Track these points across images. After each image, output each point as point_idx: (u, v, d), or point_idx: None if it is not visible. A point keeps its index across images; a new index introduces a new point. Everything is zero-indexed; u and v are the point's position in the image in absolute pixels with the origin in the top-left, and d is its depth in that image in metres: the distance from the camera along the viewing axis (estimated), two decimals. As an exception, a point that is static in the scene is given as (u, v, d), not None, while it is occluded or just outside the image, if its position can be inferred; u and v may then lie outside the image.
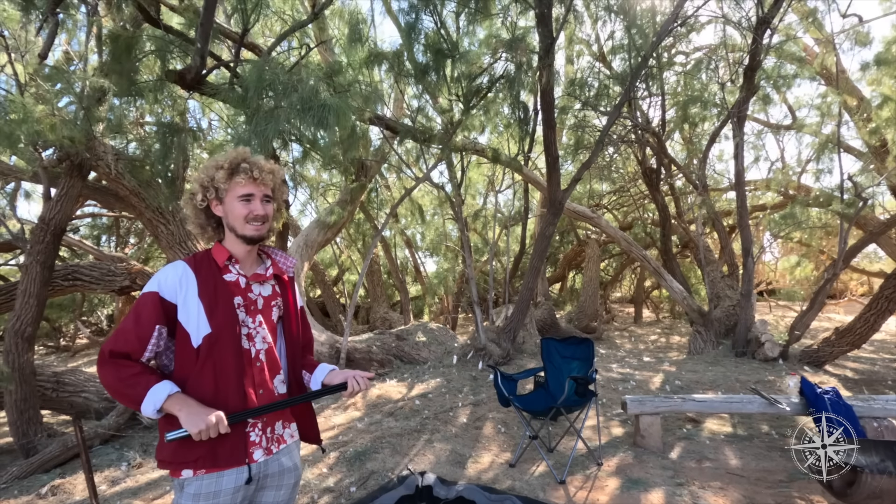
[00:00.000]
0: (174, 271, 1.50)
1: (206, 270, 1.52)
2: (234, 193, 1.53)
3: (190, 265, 1.52)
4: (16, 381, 3.88)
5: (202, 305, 1.48)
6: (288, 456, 1.64)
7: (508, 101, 5.02)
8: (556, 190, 5.36)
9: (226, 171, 1.52)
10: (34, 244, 3.81)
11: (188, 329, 1.47)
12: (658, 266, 7.75)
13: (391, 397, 5.69)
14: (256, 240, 1.56)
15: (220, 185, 1.53)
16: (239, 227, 1.54)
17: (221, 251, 1.57)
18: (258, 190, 1.54)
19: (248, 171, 1.52)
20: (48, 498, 3.50)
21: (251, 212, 1.53)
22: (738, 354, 7.06)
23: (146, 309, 1.45)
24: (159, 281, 1.48)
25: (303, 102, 2.66)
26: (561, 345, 4.47)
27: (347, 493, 3.51)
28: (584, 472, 3.79)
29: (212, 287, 1.51)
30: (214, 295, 1.50)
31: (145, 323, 1.44)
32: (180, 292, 1.48)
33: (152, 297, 1.46)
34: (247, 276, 1.59)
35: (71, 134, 3.03)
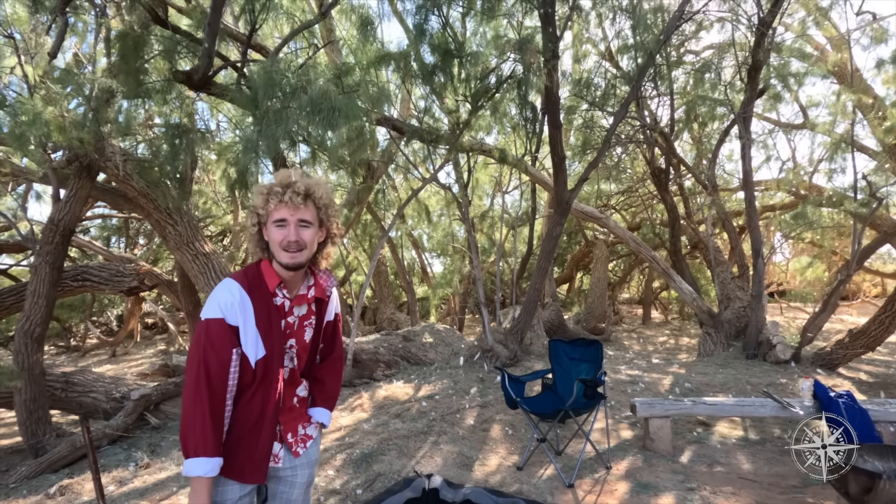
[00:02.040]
0: (231, 296, 1.49)
1: (259, 294, 1.53)
2: (271, 218, 1.52)
3: (244, 287, 1.52)
4: (25, 381, 3.90)
5: (259, 331, 1.51)
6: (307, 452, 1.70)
7: (516, 102, 4.98)
8: (563, 190, 5.32)
9: (263, 196, 1.52)
10: (44, 245, 3.83)
11: (247, 351, 1.49)
12: (667, 267, 7.67)
13: (398, 399, 5.67)
14: (293, 267, 1.54)
15: (260, 212, 1.54)
16: (276, 254, 1.53)
17: (272, 275, 1.56)
18: (292, 215, 1.50)
19: (279, 195, 1.49)
20: (56, 498, 3.51)
21: (284, 238, 1.50)
22: (749, 357, 6.97)
23: (218, 335, 1.45)
24: (220, 307, 1.47)
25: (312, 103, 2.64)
26: (569, 346, 4.42)
27: (354, 496, 3.49)
28: (592, 476, 3.74)
29: (266, 312, 1.53)
30: (269, 320, 1.53)
31: (221, 347, 1.45)
32: (240, 316, 1.49)
33: (220, 324, 1.46)
34: (291, 300, 1.60)
35: (80, 135, 3.04)
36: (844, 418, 3.52)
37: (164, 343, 11.81)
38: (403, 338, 7.01)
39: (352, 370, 6.16)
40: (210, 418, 1.39)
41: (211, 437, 1.39)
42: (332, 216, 1.60)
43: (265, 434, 1.53)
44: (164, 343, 11.81)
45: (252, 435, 1.51)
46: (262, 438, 1.52)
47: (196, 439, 1.38)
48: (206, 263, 5.35)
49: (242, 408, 1.51)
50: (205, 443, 1.38)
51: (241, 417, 1.51)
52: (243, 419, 1.51)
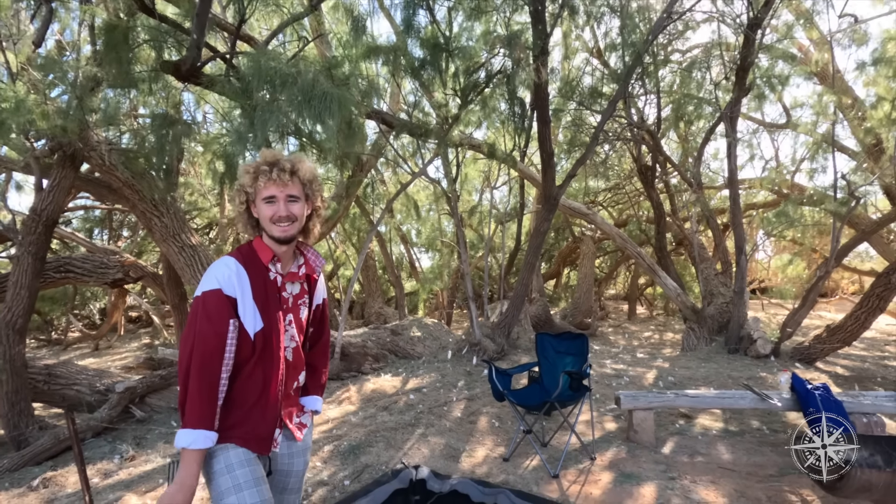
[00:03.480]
0: (227, 269, 1.52)
1: (254, 268, 1.58)
2: (260, 196, 1.57)
3: (239, 261, 1.56)
4: (7, 373, 3.85)
5: (256, 303, 1.54)
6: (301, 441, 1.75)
7: (505, 97, 5.01)
8: (552, 186, 5.37)
9: (251, 174, 1.56)
10: (26, 235, 3.77)
11: (245, 323, 1.52)
12: (652, 263, 7.79)
13: (385, 391, 5.70)
14: (284, 240, 1.59)
15: (248, 189, 1.59)
16: (268, 228, 1.58)
17: (265, 250, 1.61)
18: (280, 191, 1.56)
19: (267, 173, 1.54)
20: (40, 490, 3.48)
21: (275, 213, 1.56)
22: (731, 351, 7.12)
23: (215, 306, 1.48)
24: (217, 278, 1.50)
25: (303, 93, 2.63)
26: (556, 340, 4.48)
27: (341, 487, 3.51)
28: (577, 467, 3.81)
29: (262, 284, 1.57)
30: (265, 292, 1.57)
31: (219, 319, 1.46)
32: (238, 288, 1.52)
33: (217, 294, 1.49)
34: (283, 275, 1.64)
35: (64, 123, 3.00)
36: (820, 410, 3.64)
37: (149, 337, 11.67)
38: (391, 332, 7.03)
39: (339, 363, 6.17)
40: (201, 392, 1.41)
41: (198, 410, 1.40)
42: (316, 191, 1.66)
43: (270, 408, 1.55)
44: (149, 337, 11.67)
45: (257, 409, 1.53)
46: (267, 412, 1.54)
47: (187, 411, 1.40)
48: (192, 255, 5.31)
49: (244, 382, 1.53)
50: (192, 415, 1.40)
51: (244, 392, 1.53)
52: (246, 394, 1.53)
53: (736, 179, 6.20)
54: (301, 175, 1.59)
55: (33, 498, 3.39)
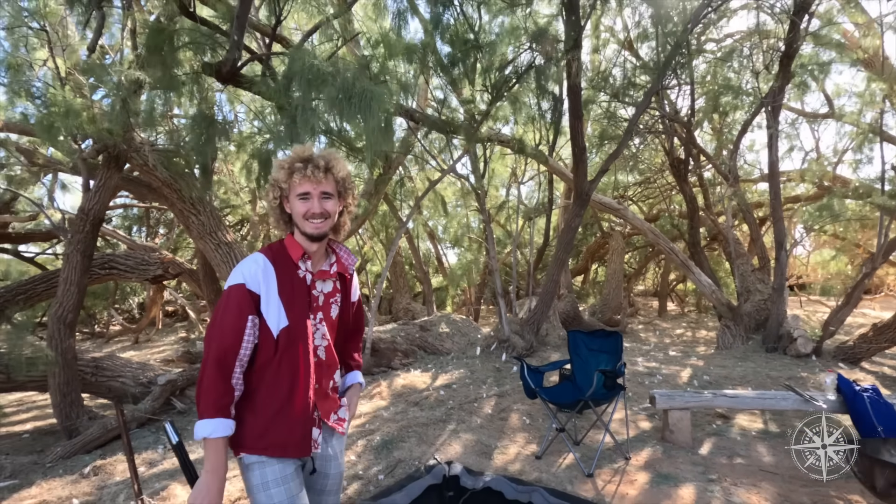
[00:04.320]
0: (255, 265, 1.53)
1: (283, 265, 1.58)
2: (294, 192, 1.57)
3: (268, 258, 1.56)
4: (59, 366, 4.04)
5: (281, 300, 1.54)
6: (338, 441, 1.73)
7: (536, 92, 4.93)
8: (583, 181, 5.28)
9: (286, 170, 1.56)
10: (74, 234, 3.94)
11: (268, 320, 1.52)
12: (686, 259, 7.59)
13: (416, 387, 5.74)
14: (317, 237, 1.59)
15: (282, 185, 1.58)
16: (301, 225, 1.59)
17: (295, 247, 1.61)
18: (315, 188, 1.56)
19: (301, 170, 1.54)
20: (91, 478, 3.64)
21: (308, 210, 1.56)
22: (769, 350, 6.90)
23: (236, 301, 1.49)
24: (243, 273, 1.52)
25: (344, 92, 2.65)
26: (588, 338, 4.43)
27: (376, 481, 3.55)
28: (611, 466, 3.76)
29: (289, 282, 1.57)
30: (292, 289, 1.56)
31: (237, 315, 1.48)
32: (263, 284, 1.52)
33: (240, 289, 1.50)
34: (313, 273, 1.64)
35: (110, 126, 3.11)
36: (870, 412, 3.49)
37: (185, 330, 12.05)
38: (420, 327, 7.07)
39: (370, 359, 6.24)
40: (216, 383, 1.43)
41: (214, 400, 1.42)
42: (349, 188, 1.65)
43: (300, 409, 1.53)
44: (185, 330, 12.05)
45: (287, 409, 1.51)
46: (297, 412, 1.52)
47: (202, 402, 1.42)
48: (228, 252, 5.44)
49: (270, 382, 1.51)
50: (208, 405, 1.42)
51: (272, 394, 1.51)
52: (274, 396, 1.51)
53: (777, 172, 5.97)
54: (335, 172, 1.59)
55: (85, 485, 3.55)
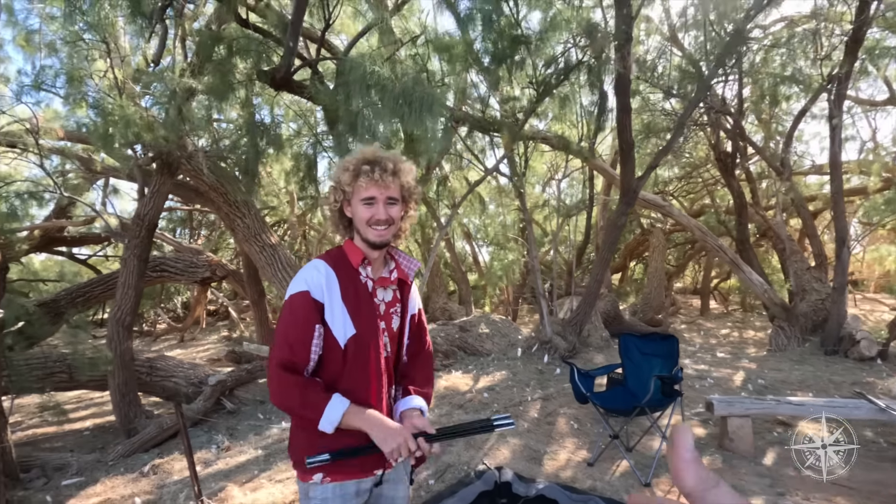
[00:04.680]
0: (317, 271, 1.45)
1: (344, 271, 1.49)
2: (358, 196, 1.47)
3: (329, 265, 1.48)
4: (117, 367, 4.17)
5: (346, 307, 1.45)
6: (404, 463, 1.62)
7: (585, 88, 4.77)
8: (631, 177, 5.10)
9: (350, 172, 1.46)
10: (131, 238, 4.06)
11: (334, 329, 1.43)
12: (735, 257, 7.27)
13: (459, 389, 5.69)
14: (379, 245, 1.49)
15: (345, 188, 1.48)
16: (363, 231, 1.49)
17: (355, 252, 1.52)
18: (381, 192, 1.46)
19: (368, 173, 1.44)
20: (150, 476, 3.74)
21: (373, 216, 1.46)
22: (829, 353, 6.54)
23: (301, 310, 1.41)
24: (307, 280, 1.44)
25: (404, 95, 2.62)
26: (641, 341, 4.28)
27: (426, 486, 3.52)
28: (669, 475, 3.61)
29: (352, 288, 1.48)
30: (356, 296, 1.47)
31: (304, 324, 1.40)
32: (326, 292, 1.44)
33: (304, 297, 1.42)
34: (374, 280, 1.54)
35: (166, 134, 3.18)
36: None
37: (227, 329, 12.38)
38: (460, 328, 7.02)
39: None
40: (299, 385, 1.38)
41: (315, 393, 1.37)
42: (413, 193, 1.55)
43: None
44: (227, 329, 12.38)
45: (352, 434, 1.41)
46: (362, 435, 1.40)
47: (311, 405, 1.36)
48: (272, 255, 5.52)
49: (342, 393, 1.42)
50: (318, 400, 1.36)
51: None
52: None
53: (839, 164, 5.61)
54: (402, 176, 1.49)
55: (145, 483, 3.65)
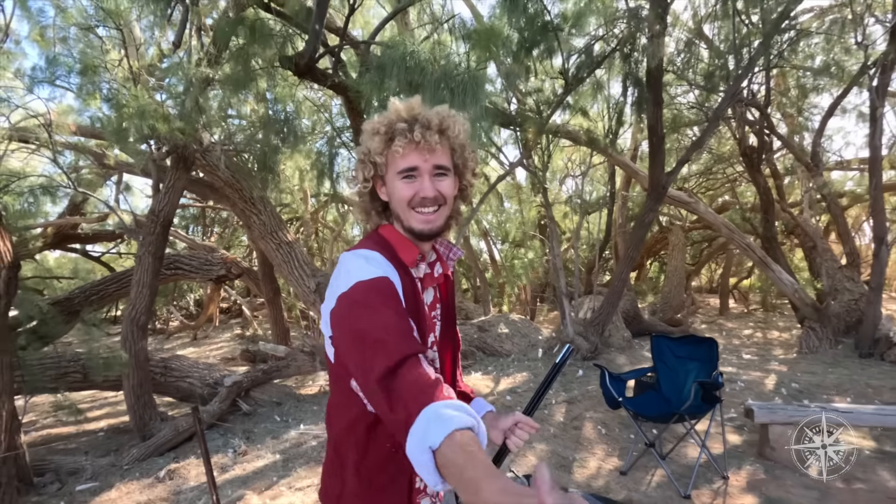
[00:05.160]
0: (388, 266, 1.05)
1: (401, 271, 1.09)
2: (395, 167, 1.07)
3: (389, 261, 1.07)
4: (132, 367, 4.06)
5: None
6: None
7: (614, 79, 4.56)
8: (660, 172, 4.89)
9: (382, 136, 1.06)
10: (146, 236, 3.94)
11: None
12: (764, 256, 7.01)
13: (479, 391, 5.52)
14: (428, 235, 1.09)
15: (376, 159, 1.07)
16: (404, 217, 1.09)
17: (407, 246, 1.11)
18: (425, 161, 1.05)
19: (406, 133, 1.03)
20: (166, 482, 3.62)
21: (416, 193, 1.06)
22: (863, 355, 6.27)
23: (393, 295, 0.97)
24: (383, 267, 1.02)
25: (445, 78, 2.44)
26: (675, 344, 4.07)
27: (453, 500, 3.35)
28: (709, 487, 3.42)
29: (413, 297, 1.08)
30: (416, 307, 1.08)
31: (403, 312, 0.97)
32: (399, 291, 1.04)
33: (389, 282, 0.99)
34: (421, 280, 1.15)
35: (182, 126, 3.05)
36: None
37: (240, 327, 12.33)
38: (479, 328, 6.85)
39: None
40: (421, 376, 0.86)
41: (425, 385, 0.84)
42: (469, 160, 1.13)
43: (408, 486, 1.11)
44: (240, 327, 12.33)
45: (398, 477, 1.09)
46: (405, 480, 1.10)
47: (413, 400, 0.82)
48: (289, 252, 5.38)
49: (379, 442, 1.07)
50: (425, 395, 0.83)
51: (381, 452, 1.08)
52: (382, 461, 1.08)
53: (879, 157, 5.34)
54: (452, 136, 1.08)
55: (161, 489, 3.53)
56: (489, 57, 3.62)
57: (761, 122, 7.38)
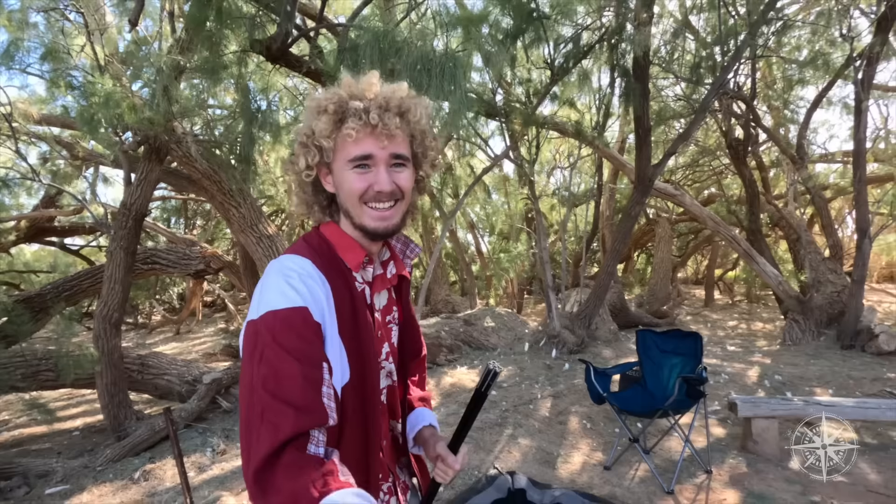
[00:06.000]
0: (310, 278, 0.89)
1: (338, 279, 0.95)
2: (345, 155, 0.92)
3: (321, 269, 0.92)
4: (105, 366, 3.93)
5: (342, 339, 0.92)
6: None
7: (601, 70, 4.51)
8: (647, 165, 4.84)
9: (331, 116, 0.91)
10: (117, 230, 3.80)
11: (333, 366, 0.89)
12: (749, 248, 7.04)
13: (465, 386, 5.48)
14: (382, 234, 0.97)
15: (323, 143, 0.92)
16: (354, 213, 0.95)
17: (352, 248, 0.98)
18: (382, 147, 0.91)
19: (360, 114, 0.89)
20: (141, 483, 3.52)
21: (370, 186, 0.92)
22: (845, 347, 6.34)
23: (304, 336, 0.83)
24: (300, 292, 0.86)
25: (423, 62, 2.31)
26: (660, 338, 4.06)
27: (435, 494, 3.30)
28: (692, 481, 3.42)
29: (349, 308, 0.94)
30: (353, 321, 0.94)
31: (314, 359, 0.83)
32: (327, 314, 0.90)
33: (305, 316, 0.84)
34: (370, 284, 1.03)
35: (151, 116, 2.91)
36: None
37: (224, 321, 12.16)
38: (465, 321, 6.79)
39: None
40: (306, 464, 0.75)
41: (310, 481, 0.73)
42: (429, 148, 1.02)
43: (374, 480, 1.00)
44: (224, 321, 12.16)
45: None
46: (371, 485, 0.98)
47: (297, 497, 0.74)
48: (269, 246, 5.25)
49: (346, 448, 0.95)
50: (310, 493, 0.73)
51: None
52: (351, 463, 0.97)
53: (864, 151, 5.37)
54: (412, 120, 0.95)
55: (135, 491, 3.43)
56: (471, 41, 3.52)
57: (747, 115, 7.38)
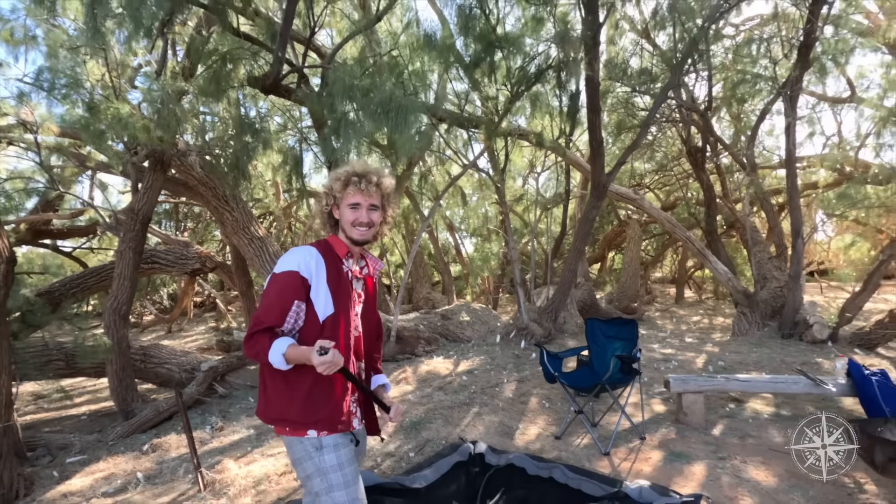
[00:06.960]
0: (309, 255, 1.75)
1: (331, 260, 1.80)
2: (346, 202, 1.80)
3: (320, 252, 1.78)
4: (115, 354, 4.41)
5: (329, 289, 1.76)
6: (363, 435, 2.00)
7: (555, 89, 5.10)
8: (601, 173, 5.43)
9: (341, 182, 1.79)
10: (126, 232, 4.28)
11: (317, 307, 1.74)
12: (702, 247, 7.70)
13: (439, 373, 6.02)
14: (361, 242, 1.82)
15: (336, 194, 1.81)
16: (348, 230, 1.81)
17: (341, 246, 1.84)
18: (365, 200, 1.79)
19: (356, 183, 1.77)
20: (150, 454, 4.01)
21: (357, 218, 1.78)
22: (785, 336, 7.01)
23: (288, 286, 1.70)
24: (298, 262, 1.72)
25: (382, 106, 2.90)
26: (605, 325, 4.63)
27: (407, 458, 3.84)
28: (627, 446, 3.98)
29: (336, 274, 1.79)
30: (338, 281, 1.79)
31: (287, 298, 1.70)
32: (315, 273, 1.74)
33: (293, 276, 1.71)
34: (352, 272, 1.87)
35: (161, 135, 3.41)
36: (878, 395, 3.65)
37: (214, 320, 12.55)
38: (442, 316, 7.34)
39: (395, 346, 6.54)
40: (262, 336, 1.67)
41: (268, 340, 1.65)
42: (392, 202, 1.90)
43: (340, 388, 1.77)
44: (214, 320, 12.55)
45: (330, 391, 1.75)
46: (338, 392, 1.76)
47: (260, 349, 1.65)
48: (260, 247, 5.76)
49: None
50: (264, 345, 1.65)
51: (318, 377, 1.69)
52: (320, 378, 1.70)
53: (794, 160, 6.02)
54: (383, 187, 1.83)
55: (146, 460, 3.92)
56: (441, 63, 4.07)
57: (703, 125, 8.04)
